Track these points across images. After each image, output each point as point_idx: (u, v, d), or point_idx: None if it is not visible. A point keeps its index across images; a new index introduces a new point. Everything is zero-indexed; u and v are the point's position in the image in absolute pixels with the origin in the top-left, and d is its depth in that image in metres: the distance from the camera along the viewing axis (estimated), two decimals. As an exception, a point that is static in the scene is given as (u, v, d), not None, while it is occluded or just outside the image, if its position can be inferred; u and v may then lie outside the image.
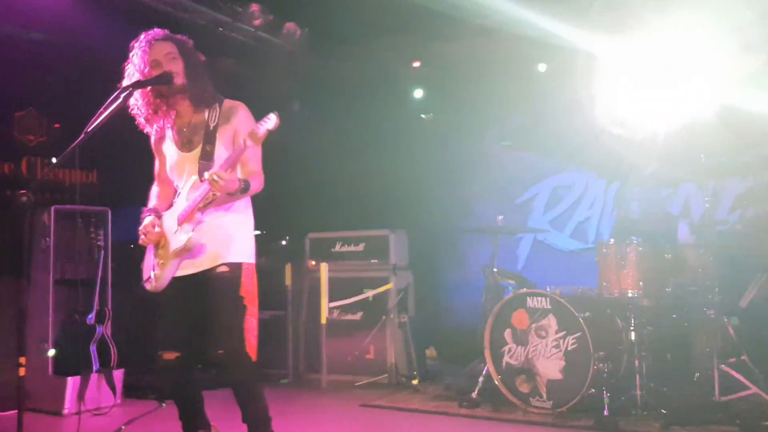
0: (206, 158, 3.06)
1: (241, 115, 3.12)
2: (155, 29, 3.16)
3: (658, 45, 5.30)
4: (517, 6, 6.07)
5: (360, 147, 7.29)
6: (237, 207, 3.15)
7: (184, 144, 3.15)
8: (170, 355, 3.09)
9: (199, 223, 3.05)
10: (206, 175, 2.91)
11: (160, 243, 3.14)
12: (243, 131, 3.00)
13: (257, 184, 3.10)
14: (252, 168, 3.09)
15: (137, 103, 3.13)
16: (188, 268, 3.08)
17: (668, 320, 4.86)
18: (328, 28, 6.70)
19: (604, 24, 5.48)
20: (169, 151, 3.21)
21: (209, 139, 3.07)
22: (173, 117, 3.15)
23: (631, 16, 5.27)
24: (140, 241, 3.19)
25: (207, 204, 3.06)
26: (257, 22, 6.18)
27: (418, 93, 7.19)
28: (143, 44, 3.10)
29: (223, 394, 3.20)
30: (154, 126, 3.18)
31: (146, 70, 3.06)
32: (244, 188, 3.00)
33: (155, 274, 3.11)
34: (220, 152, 3.06)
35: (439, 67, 6.97)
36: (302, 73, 7.41)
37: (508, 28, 6.43)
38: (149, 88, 3.06)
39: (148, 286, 3.15)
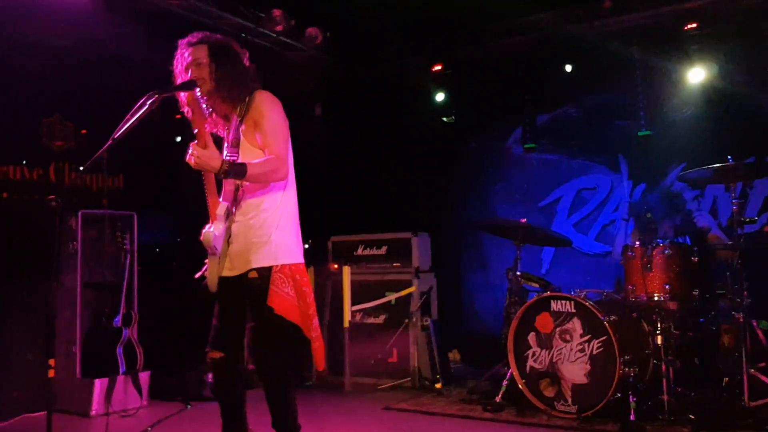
0: (234, 151, 3.06)
1: (257, 101, 3.07)
2: (194, 33, 3.16)
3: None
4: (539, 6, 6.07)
5: (382, 150, 7.30)
6: (271, 203, 3.06)
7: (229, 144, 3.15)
8: (216, 354, 3.10)
9: (232, 221, 3.05)
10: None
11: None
12: (258, 116, 3.00)
13: (266, 167, 2.93)
14: (264, 146, 2.99)
15: (187, 108, 3.14)
16: (230, 270, 3.08)
17: (695, 324, 4.80)
18: (350, 32, 6.73)
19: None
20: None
21: (237, 132, 3.09)
22: (222, 119, 3.16)
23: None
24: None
25: (239, 201, 3.05)
26: (279, 27, 6.21)
27: (440, 96, 7.17)
28: (180, 49, 3.14)
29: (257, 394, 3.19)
30: (213, 127, 3.17)
31: (182, 75, 3.10)
32: (232, 170, 2.85)
33: (205, 274, 3.12)
34: (245, 147, 3.05)
35: (461, 69, 6.96)
36: (324, 77, 7.44)
37: (532, 28, 6.45)
38: (187, 96, 3.07)
39: (209, 288, 3.13)
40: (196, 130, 2.92)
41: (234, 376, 3.14)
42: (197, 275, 3.17)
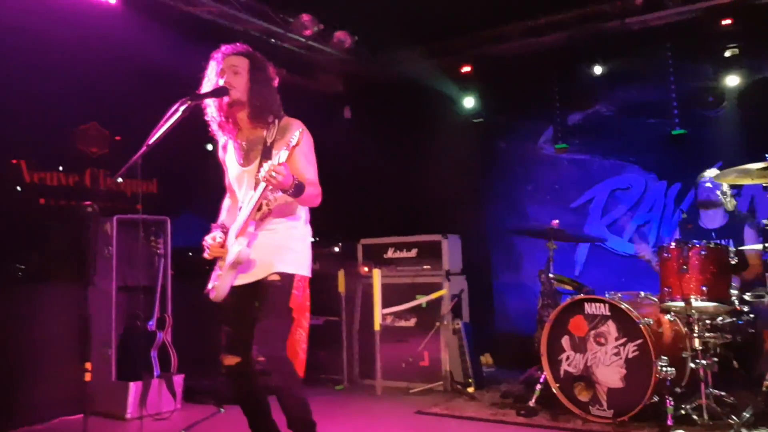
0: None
1: (296, 128, 3.11)
2: (236, 44, 3.26)
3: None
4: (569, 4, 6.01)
5: (412, 152, 7.28)
6: (293, 221, 3.22)
7: (243, 158, 3.25)
8: (231, 360, 3.17)
9: (254, 237, 3.14)
10: (262, 171, 2.88)
11: (222, 256, 3.21)
12: (297, 147, 3.03)
13: (314, 191, 3.13)
14: (304, 176, 3.12)
15: (210, 112, 3.23)
16: (244, 277, 3.17)
17: (733, 326, 4.68)
18: (378, 35, 6.73)
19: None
20: (232, 163, 3.32)
21: (266, 154, 3.12)
22: (235, 130, 3.23)
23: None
24: (205, 255, 3.25)
25: (263, 217, 3.13)
26: (308, 31, 6.24)
27: (469, 96, 7.14)
28: (218, 56, 3.22)
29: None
30: (224, 137, 3.27)
31: (216, 82, 3.17)
32: (297, 187, 2.98)
33: (215, 285, 3.20)
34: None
35: (490, 69, 6.92)
36: (353, 80, 7.46)
37: (562, 26, 6.39)
38: (215, 99, 3.14)
39: (211, 296, 3.23)
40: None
41: (252, 380, 3.17)
42: (206, 290, 3.26)
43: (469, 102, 7.18)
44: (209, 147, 5.67)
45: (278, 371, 3.05)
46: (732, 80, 5.80)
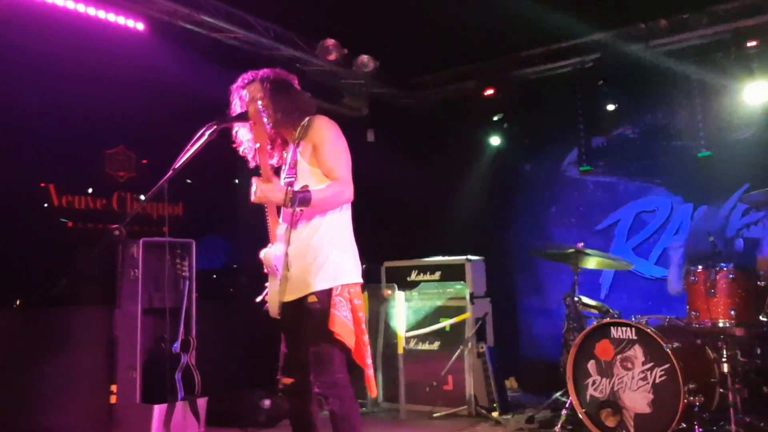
0: (292, 173, 3.13)
1: (315, 126, 3.14)
2: (243, 75, 3.28)
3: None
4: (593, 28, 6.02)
5: (435, 174, 7.29)
6: (328, 223, 3.09)
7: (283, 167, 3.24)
8: (287, 381, 3.13)
9: (290, 242, 3.05)
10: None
11: None
12: (318, 141, 3.06)
13: (330, 191, 3.01)
14: (329, 171, 3.05)
15: (244, 144, 3.24)
16: (291, 293, 3.07)
17: (763, 350, 4.59)
18: (402, 59, 6.79)
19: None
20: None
21: (294, 154, 3.14)
22: (281, 147, 3.25)
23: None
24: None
25: (295, 222, 3.07)
26: (332, 56, 6.32)
27: (494, 119, 7.15)
28: (237, 89, 3.25)
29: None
30: (275, 158, 3.27)
31: (240, 111, 3.20)
32: (298, 199, 2.91)
33: (266, 299, 3.14)
34: (302, 167, 3.11)
35: (515, 92, 6.93)
36: (376, 103, 7.51)
37: (587, 49, 6.39)
38: (252, 131, 3.17)
39: (270, 313, 3.13)
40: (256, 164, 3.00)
41: (306, 401, 3.13)
42: (258, 299, 3.19)
43: (493, 124, 7.18)
44: (236, 181, 5.78)
45: (335, 396, 2.97)
46: (759, 102, 5.74)
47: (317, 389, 3.00)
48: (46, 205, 5.32)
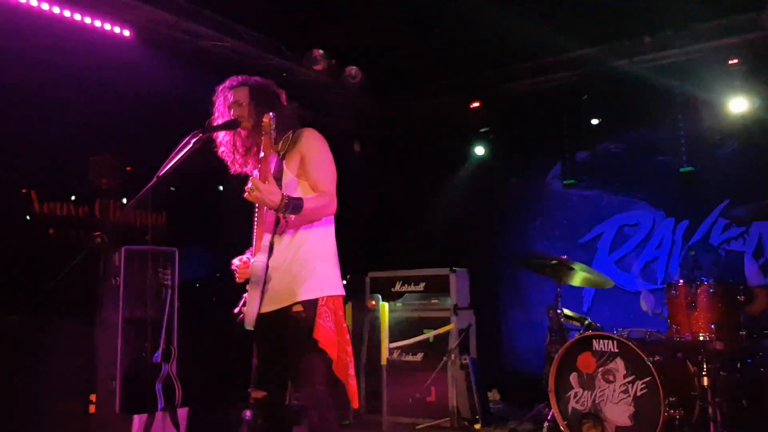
0: (278, 184, 3.11)
1: (305, 137, 3.14)
2: (233, 77, 3.26)
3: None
4: (578, 43, 6.08)
5: (420, 186, 7.31)
6: (315, 236, 3.09)
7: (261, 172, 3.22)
8: (258, 394, 3.08)
9: (274, 252, 3.04)
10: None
11: (248, 276, 3.11)
12: (306, 152, 3.06)
13: (319, 202, 3.01)
14: (316, 182, 3.06)
15: (227, 148, 3.23)
16: (270, 304, 3.04)
17: (743, 365, 4.64)
18: (389, 71, 6.81)
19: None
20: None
21: (279, 166, 3.13)
22: (258, 157, 3.23)
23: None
24: (236, 279, 3.16)
25: (281, 231, 3.05)
26: (320, 66, 6.33)
27: (479, 132, 7.19)
28: (221, 92, 3.23)
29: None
30: (248, 166, 3.24)
31: (226, 115, 3.18)
32: (291, 205, 2.89)
33: (243, 309, 3.09)
34: (288, 178, 3.09)
35: (500, 106, 6.98)
36: (363, 115, 7.53)
37: (571, 65, 6.46)
38: (231, 136, 3.16)
39: (245, 324, 3.08)
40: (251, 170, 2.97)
41: (279, 415, 3.10)
42: (235, 310, 3.16)
43: (478, 137, 7.22)
44: (221, 188, 5.74)
45: (314, 409, 2.94)
46: (740, 118, 5.82)
47: (296, 401, 2.97)
48: (27, 213, 5.26)
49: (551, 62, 6.59)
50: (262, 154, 3.02)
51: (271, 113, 2.99)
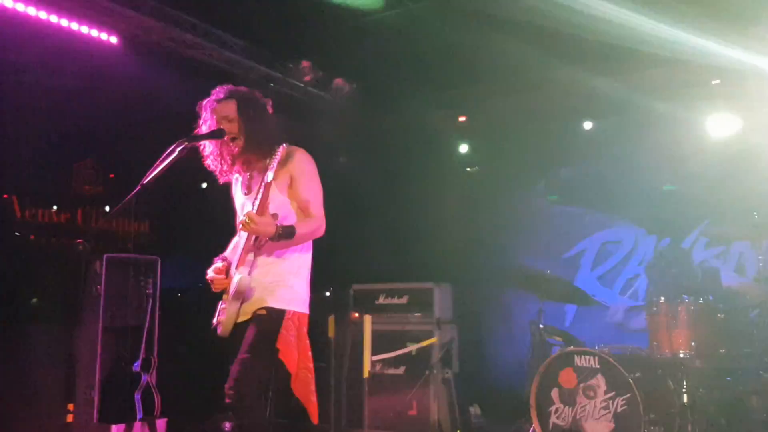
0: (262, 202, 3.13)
1: (296, 158, 3.16)
2: (220, 87, 3.26)
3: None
4: (564, 62, 6.13)
5: (405, 199, 7.32)
6: (293, 253, 3.15)
7: (247, 186, 3.24)
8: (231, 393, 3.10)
9: (254, 267, 3.09)
10: (240, 217, 2.93)
11: (226, 287, 3.17)
12: (297, 174, 3.08)
13: (310, 228, 3.09)
14: (306, 205, 3.11)
15: (212, 157, 3.23)
16: (244, 314, 3.09)
17: (722, 382, 4.68)
18: (377, 84, 6.83)
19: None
20: (237, 193, 3.32)
21: (266, 184, 3.14)
22: (242, 167, 3.24)
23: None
24: (213, 288, 3.21)
25: (260, 247, 3.09)
26: (308, 78, 6.34)
27: (464, 147, 7.23)
28: (209, 102, 3.23)
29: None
30: (232, 176, 3.28)
31: (211, 125, 3.18)
32: (285, 234, 2.97)
33: (220, 319, 3.14)
34: (275, 195, 3.11)
35: (486, 121, 7.02)
36: (350, 127, 7.54)
37: (555, 83, 6.51)
38: (217, 145, 3.16)
39: (218, 332, 3.15)
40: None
41: (255, 416, 3.06)
42: (214, 323, 3.19)
43: (463, 152, 7.25)
44: (204, 185, 5.70)
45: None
46: (722, 138, 5.89)
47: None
48: (7, 217, 5.21)
49: (535, 79, 6.62)
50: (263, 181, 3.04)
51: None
